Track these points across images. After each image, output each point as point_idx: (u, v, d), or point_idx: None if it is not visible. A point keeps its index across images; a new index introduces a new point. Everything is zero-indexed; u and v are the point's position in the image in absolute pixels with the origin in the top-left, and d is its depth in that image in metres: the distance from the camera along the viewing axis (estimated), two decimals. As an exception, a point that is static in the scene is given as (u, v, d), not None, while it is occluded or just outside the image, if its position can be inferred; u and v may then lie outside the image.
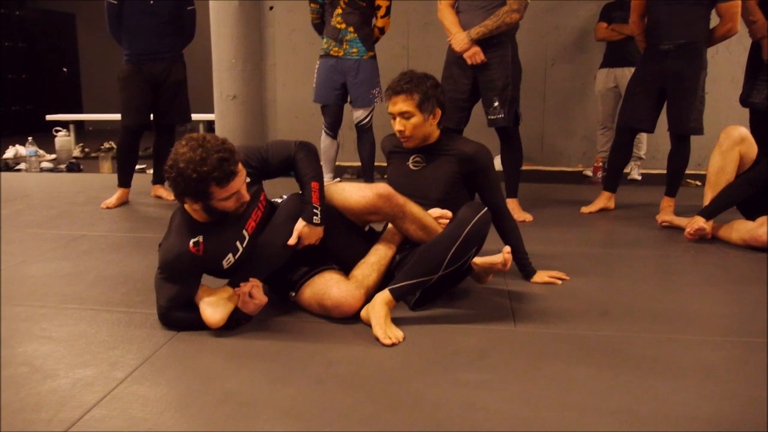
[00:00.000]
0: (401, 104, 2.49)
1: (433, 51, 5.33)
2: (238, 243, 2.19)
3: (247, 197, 2.13)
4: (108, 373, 1.85)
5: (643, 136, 5.22)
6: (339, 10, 4.21)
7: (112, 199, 4.21)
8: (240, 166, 2.06)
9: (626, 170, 5.36)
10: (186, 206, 2.15)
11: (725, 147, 3.36)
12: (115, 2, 4.08)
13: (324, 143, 4.51)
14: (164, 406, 1.67)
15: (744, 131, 3.37)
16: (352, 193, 2.36)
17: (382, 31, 4.37)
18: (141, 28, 4.12)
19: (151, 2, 4.10)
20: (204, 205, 2.07)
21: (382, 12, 4.29)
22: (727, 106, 5.22)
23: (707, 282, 2.80)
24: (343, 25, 4.22)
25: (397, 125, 2.52)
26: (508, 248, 2.33)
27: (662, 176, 4.10)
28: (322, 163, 4.49)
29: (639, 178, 5.39)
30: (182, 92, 4.37)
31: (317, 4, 4.34)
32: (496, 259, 2.33)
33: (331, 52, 4.30)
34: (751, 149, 3.36)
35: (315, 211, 2.23)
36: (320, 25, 4.42)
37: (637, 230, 3.64)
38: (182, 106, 4.40)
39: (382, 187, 2.34)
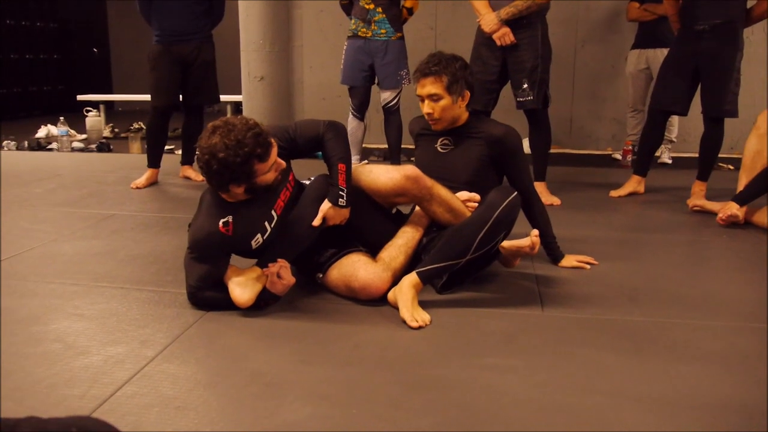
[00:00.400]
0: (430, 86, 2.46)
1: (462, 32, 5.28)
2: (266, 223, 2.20)
3: (283, 164, 2.15)
4: (138, 351, 1.88)
5: (674, 119, 5.12)
6: None
7: (142, 179, 4.26)
8: (270, 137, 2.08)
9: (657, 153, 5.27)
10: (224, 195, 2.16)
11: (763, 130, 3.29)
12: None
13: (351, 125, 4.50)
14: (193, 384, 1.70)
15: None
16: (380, 175, 2.35)
17: (410, 11, 4.34)
18: (170, 9, 4.13)
19: None
20: (248, 185, 2.08)
21: None
22: (762, 89, 5.11)
23: (739, 268, 2.76)
24: (372, 6, 4.20)
25: (426, 108, 2.50)
26: (535, 231, 2.31)
27: (693, 160, 4.03)
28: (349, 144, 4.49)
29: (669, 161, 5.31)
30: (211, 73, 4.38)
31: None
32: (524, 242, 2.31)
33: (359, 33, 4.28)
34: None
35: (341, 193, 2.23)
36: (348, 5, 4.40)
37: (667, 215, 3.58)
38: (211, 87, 4.42)
39: (409, 169, 2.34)
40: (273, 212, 2.21)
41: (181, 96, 4.35)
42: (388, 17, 4.22)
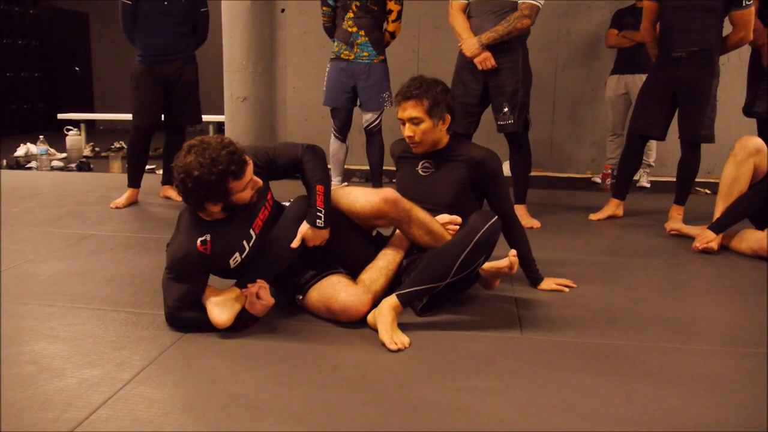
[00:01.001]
0: (411, 110, 2.48)
1: (444, 55, 5.33)
2: (245, 242, 2.20)
3: (259, 182, 2.15)
4: (114, 373, 1.86)
5: (652, 144, 5.19)
6: (350, 14, 4.22)
7: (122, 199, 4.23)
8: (245, 155, 2.08)
9: (635, 177, 5.33)
10: (201, 214, 2.15)
11: (740, 158, 3.34)
12: (129, 2, 4.11)
13: (333, 146, 4.52)
14: (170, 407, 1.68)
15: (759, 142, 3.35)
16: (359, 198, 2.36)
17: (393, 35, 4.38)
18: (154, 29, 4.14)
19: (165, 3, 4.13)
20: (224, 204, 2.08)
21: (393, 16, 4.30)
22: (738, 114, 5.16)
23: (716, 291, 2.79)
24: (355, 29, 4.23)
25: (407, 131, 2.52)
26: (513, 252, 2.33)
27: (671, 184, 4.08)
28: (330, 166, 4.51)
29: (648, 185, 5.37)
30: (194, 93, 4.39)
31: (329, 8, 4.36)
32: (503, 263, 2.33)
33: (342, 56, 4.31)
34: (765, 160, 3.33)
35: (319, 214, 2.24)
36: (332, 28, 4.43)
37: (645, 238, 3.62)
38: (193, 107, 4.42)
39: (388, 192, 2.34)
40: (251, 231, 2.21)
41: (163, 116, 4.34)
42: (371, 40, 4.25)
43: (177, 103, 4.31)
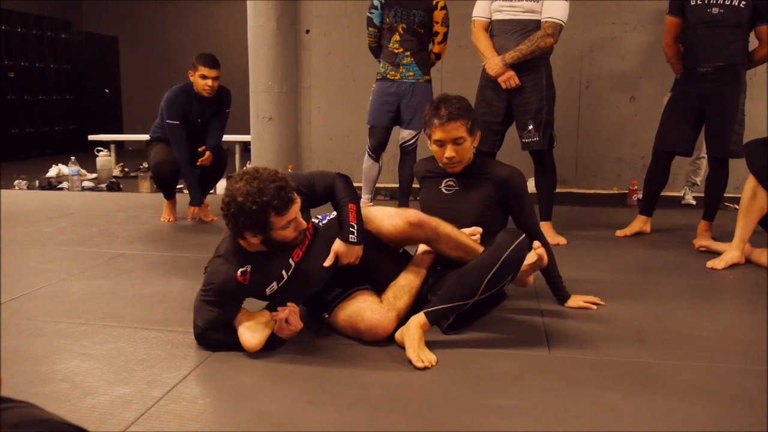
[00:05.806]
0: (455, 131, 2.48)
1: (465, 74, 5.35)
2: (283, 271, 2.22)
3: (304, 224, 2.16)
4: (146, 391, 1.88)
5: (702, 162, 5.08)
6: (397, 36, 4.27)
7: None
8: (295, 193, 2.09)
9: (680, 194, 5.27)
10: (242, 242, 2.17)
11: None
12: (177, 122, 4.20)
13: (366, 164, 4.57)
14: (200, 425, 1.70)
15: None
16: (384, 222, 2.37)
17: (438, 56, 4.43)
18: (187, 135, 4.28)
19: (199, 120, 4.28)
20: (264, 237, 2.09)
21: (439, 38, 4.34)
22: (766, 129, 5.13)
23: (745, 309, 2.75)
24: (401, 50, 4.28)
25: (449, 152, 2.51)
26: (537, 243, 2.31)
27: (700, 200, 4.03)
28: (362, 183, 4.59)
29: (693, 202, 5.19)
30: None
31: (375, 28, 4.40)
32: (530, 258, 2.32)
33: (388, 76, 4.35)
34: None
35: (351, 230, 2.25)
36: (377, 48, 4.47)
37: (673, 255, 3.58)
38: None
39: (411, 215, 2.35)
40: (291, 260, 2.23)
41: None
42: (416, 60, 4.29)
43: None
